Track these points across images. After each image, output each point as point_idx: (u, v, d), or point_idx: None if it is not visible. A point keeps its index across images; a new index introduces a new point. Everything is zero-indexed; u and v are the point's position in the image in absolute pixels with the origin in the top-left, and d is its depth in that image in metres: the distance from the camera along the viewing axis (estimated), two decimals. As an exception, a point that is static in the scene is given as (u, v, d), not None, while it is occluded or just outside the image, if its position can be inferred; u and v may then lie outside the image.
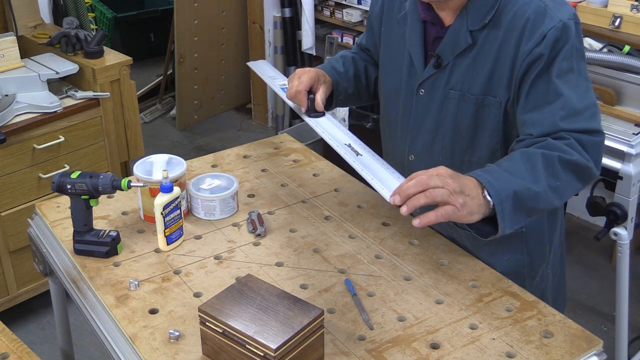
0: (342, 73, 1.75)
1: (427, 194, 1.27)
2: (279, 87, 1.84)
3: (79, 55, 2.81)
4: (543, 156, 1.36)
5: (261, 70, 2.01)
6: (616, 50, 2.47)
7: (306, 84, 1.66)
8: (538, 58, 1.40)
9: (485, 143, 1.53)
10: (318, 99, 1.66)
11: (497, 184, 1.31)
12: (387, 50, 1.67)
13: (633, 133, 2.29)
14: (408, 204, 1.28)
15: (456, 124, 1.54)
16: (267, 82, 1.92)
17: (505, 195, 1.31)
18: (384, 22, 1.67)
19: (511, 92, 1.47)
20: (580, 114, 1.40)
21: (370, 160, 1.50)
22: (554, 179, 1.36)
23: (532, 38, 1.40)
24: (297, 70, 1.70)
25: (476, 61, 1.48)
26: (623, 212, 2.24)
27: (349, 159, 1.50)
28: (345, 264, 1.58)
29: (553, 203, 1.39)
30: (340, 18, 4.00)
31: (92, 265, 1.58)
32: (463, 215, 1.29)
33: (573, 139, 1.39)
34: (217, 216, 1.73)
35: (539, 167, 1.35)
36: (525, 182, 1.33)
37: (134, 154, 2.96)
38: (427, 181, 1.28)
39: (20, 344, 1.39)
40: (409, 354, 1.34)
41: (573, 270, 3.16)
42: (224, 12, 4.34)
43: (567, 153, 1.37)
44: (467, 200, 1.29)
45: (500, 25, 1.44)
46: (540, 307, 1.46)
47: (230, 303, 1.30)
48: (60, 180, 1.58)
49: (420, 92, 1.58)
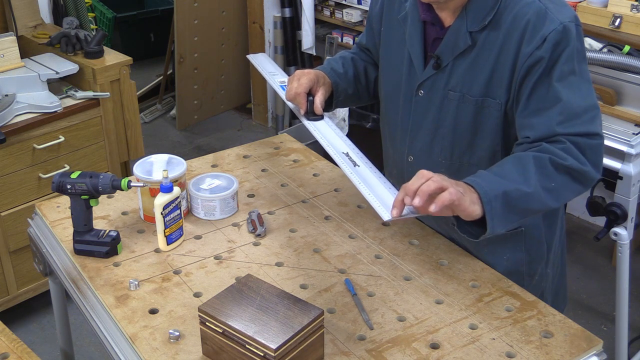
0: (341, 74, 1.75)
1: (433, 179, 1.30)
2: (279, 84, 1.83)
3: (79, 55, 2.81)
4: (534, 158, 1.37)
5: (260, 64, 1.99)
6: (616, 50, 2.47)
7: (305, 86, 1.66)
8: (538, 61, 1.40)
9: (485, 145, 1.53)
10: (317, 102, 1.66)
11: (486, 184, 1.33)
12: (386, 50, 1.67)
13: (633, 133, 2.29)
14: (419, 194, 1.29)
15: (456, 125, 1.54)
16: (266, 78, 1.91)
17: (493, 195, 1.32)
18: (384, 23, 1.67)
19: (511, 94, 1.46)
20: (579, 118, 1.40)
21: (368, 173, 1.48)
22: (547, 179, 1.37)
23: (533, 41, 1.40)
24: (296, 72, 1.70)
25: (476, 62, 1.48)
26: (623, 212, 2.24)
27: (346, 170, 1.49)
28: (345, 264, 1.58)
29: (548, 204, 1.39)
30: (340, 18, 4.00)
31: (92, 265, 1.58)
32: (466, 202, 1.30)
33: (570, 142, 1.39)
34: (217, 216, 1.73)
35: (529, 168, 1.36)
36: (515, 183, 1.34)
37: (134, 154, 2.96)
38: (427, 174, 1.31)
39: (20, 344, 1.39)
40: (409, 354, 1.34)
41: (573, 270, 3.16)
42: (224, 12, 4.34)
43: (561, 157, 1.38)
44: (465, 191, 1.31)
45: (501, 26, 1.44)
46: (540, 307, 1.46)
47: (230, 303, 1.30)
48: (60, 180, 1.58)
49: (420, 92, 1.57)
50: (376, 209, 1.37)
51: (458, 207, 1.30)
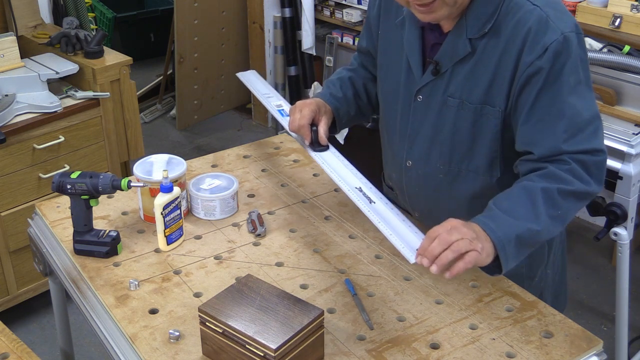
0: (341, 98, 1.75)
1: (452, 249, 1.30)
2: (276, 109, 1.84)
3: (79, 55, 2.81)
4: (543, 191, 1.38)
5: (252, 84, 1.99)
6: (616, 50, 2.47)
7: (308, 117, 1.66)
8: (538, 71, 1.39)
9: (483, 151, 1.52)
10: (321, 132, 1.67)
11: (499, 230, 1.34)
12: (384, 54, 1.66)
13: (633, 133, 2.29)
14: (437, 263, 1.30)
15: (454, 132, 1.53)
16: (260, 99, 1.90)
17: (507, 240, 1.34)
18: (382, 26, 1.65)
19: (509, 102, 1.46)
20: (583, 132, 1.41)
21: (385, 210, 1.47)
22: (554, 209, 1.38)
23: (534, 50, 1.38)
24: (297, 103, 1.70)
25: (475, 69, 1.47)
26: (623, 212, 2.24)
27: (362, 208, 1.48)
28: (345, 264, 1.58)
29: (555, 231, 1.42)
30: (340, 18, 4.00)
31: (92, 265, 1.58)
32: (484, 258, 1.33)
33: (574, 162, 1.40)
34: (217, 216, 1.73)
35: (538, 204, 1.37)
36: (526, 222, 1.36)
37: (134, 154, 2.96)
38: (448, 237, 1.30)
39: (20, 344, 1.39)
40: (409, 354, 1.34)
41: (573, 270, 3.16)
42: (224, 12, 4.34)
43: (568, 182, 1.39)
44: (484, 244, 1.32)
45: (501, 34, 1.42)
46: (540, 307, 1.46)
47: (230, 303, 1.30)
48: (60, 180, 1.58)
49: (419, 98, 1.56)
50: (400, 250, 1.37)
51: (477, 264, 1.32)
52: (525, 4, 1.41)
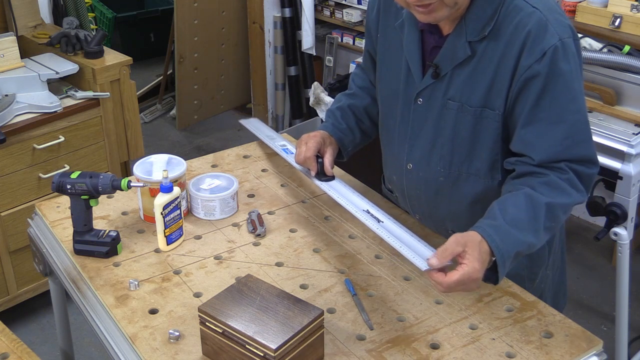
0: (344, 128, 1.78)
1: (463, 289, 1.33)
2: (280, 148, 1.92)
3: (79, 55, 2.81)
4: (546, 206, 1.39)
5: (256, 129, 2.07)
6: (616, 50, 2.47)
7: (313, 149, 1.69)
8: (536, 75, 1.39)
9: (484, 154, 1.52)
10: (326, 164, 1.70)
11: (503, 245, 1.34)
12: (384, 57, 1.66)
13: (633, 133, 2.29)
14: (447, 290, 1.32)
15: (455, 135, 1.52)
16: (266, 142, 1.99)
17: (507, 256, 1.35)
18: (381, 29, 1.65)
19: (507, 105, 1.46)
20: (580, 139, 1.44)
21: (393, 227, 1.50)
22: (550, 222, 1.41)
23: (533, 53, 1.38)
24: (303, 136, 1.73)
25: (475, 73, 1.46)
26: (623, 212, 2.24)
27: (372, 227, 1.51)
28: (345, 264, 1.58)
29: (544, 242, 1.44)
30: (340, 18, 4.00)
31: (92, 265, 1.58)
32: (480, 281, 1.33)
33: (571, 170, 1.43)
34: (217, 216, 1.73)
35: (540, 217, 1.39)
36: (527, 235, 1.37)
37: (134, 154, 2.96)
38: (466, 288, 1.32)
39: (20, 344, 1.39)
40: (409, 354, 1.34)
41: (573, 270, 3.16)
42: (224, 12, 4.34)
43: (568, 195, 1.42)
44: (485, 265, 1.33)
45: (501, 37, 1.42)
46: (540, 307, 1.46)
47: (230, 303, 1.30)
48: (60, 180, 1.58)
49: (419, 101, 1.56)
50: (411, 260, 1.38)
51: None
52: (525, 6, 1.41)
